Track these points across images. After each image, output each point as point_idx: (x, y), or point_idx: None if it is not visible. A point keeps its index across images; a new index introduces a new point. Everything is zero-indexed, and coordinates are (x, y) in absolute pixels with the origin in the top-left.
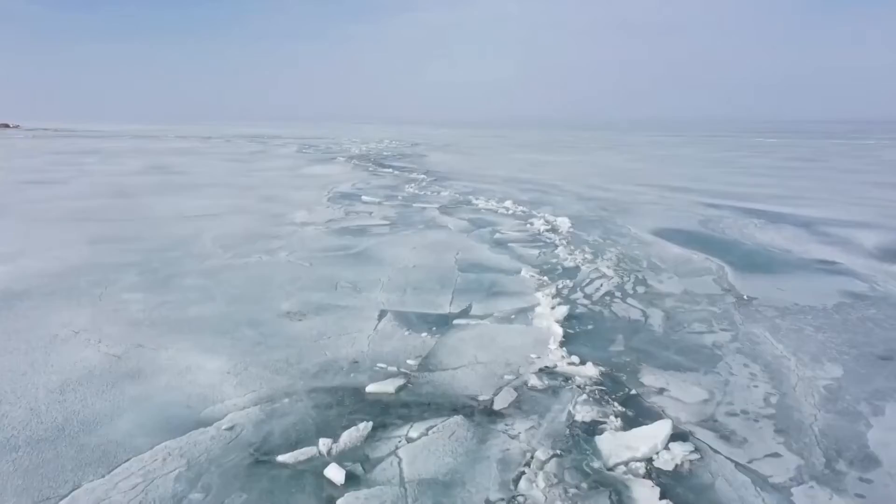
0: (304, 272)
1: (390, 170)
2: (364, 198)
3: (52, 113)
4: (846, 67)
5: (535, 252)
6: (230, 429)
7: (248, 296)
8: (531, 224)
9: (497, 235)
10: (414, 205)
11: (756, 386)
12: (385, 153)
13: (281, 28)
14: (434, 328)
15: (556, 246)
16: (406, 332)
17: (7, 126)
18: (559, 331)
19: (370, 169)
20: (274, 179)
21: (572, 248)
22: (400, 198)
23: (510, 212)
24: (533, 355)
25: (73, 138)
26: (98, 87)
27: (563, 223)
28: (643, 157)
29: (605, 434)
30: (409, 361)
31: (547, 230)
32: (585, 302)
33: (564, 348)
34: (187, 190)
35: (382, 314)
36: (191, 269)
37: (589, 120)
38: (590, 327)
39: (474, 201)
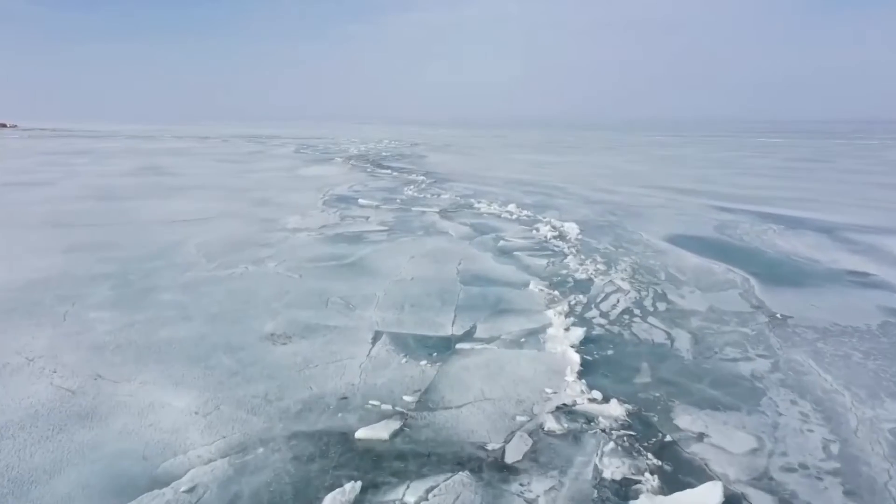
0: (292, 285)
1: (389, 171)
2: (361, 201)
3: (51, 113)
4: (845, 67)
5: (543, 262)
6: (190, 490)
7: (229, 314)
8: (537, 230)
9: (501, 243)
10: (413, 209)
11: (811, 430)
12: (384, 153)
13: (281, 28)
14: (434, 354)
15: (566, 255)
16: (403, 360)
17: (4, 126)
18: (576, 358)
19: (368, 170)
20: (268, 181)
21: (582, 257)
22: (398, 201)
23: (514, 216)
24: (548, 389)
25: (68, 138)
26: (98, 86)
27: (571, 229)
28: (646, 157)
29: (642, 499)
30: (405, 397)
31: (554, 237)
32: (602, 322)
33: (583, 380)
34: (177, 192)
35: (377, 336)
36: (169, 281)
37: (588, 120)
38: (609, 353)
39: (476, 205)
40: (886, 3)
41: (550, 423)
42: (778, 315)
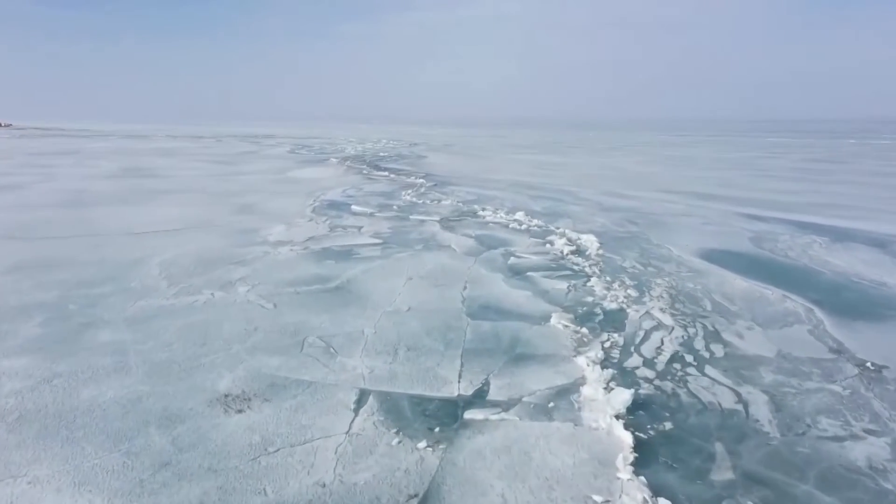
0: (263, 319)
1: (386, 173)
2: (354, 208)
3: (51, 112)
4: (844, 67)
5: (563, 286)
6: None
7: (178, 363)
8: (551, 244)
9: (512, 260)
10: (411, 217)
11: None
12: (381, 154)
13: (281, 26)
14: (437, 429)
15: (588, 276)
16: (395, 439)
17: None
18: (626, 437)
19: (364, 172)
20: (256, 184)
21: (608, 278)
22: (395, 207)
23: (523, 226)
24: (597, 497)
25: (60, 137)
26: (99, 85)
27: (590, 242)
28: (654, 158)
29: None
30: None
31: (571, 252)
32: (649, 375)
33: (642, 477)
34: (154, 198)
35: (362, 399)
36: (116, 314)
37: (588, 120)
38: (668, 427)
39: (480, 212)
40: (886, 3)
41: None
42: (868, 364)
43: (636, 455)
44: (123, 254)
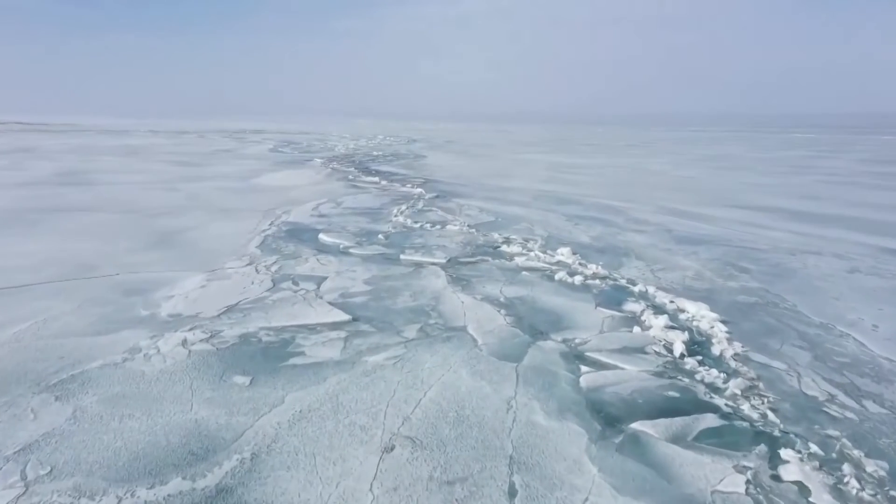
0: None
1: (376, 179)
2: (322, 237)
3: (47, 106)
4: (840, 63)
5: (738, 489)
6: None
7: None
8: (640, 324)
9: (586, 375)
10: (403, 255)
11: None
12: (375, 153)
13: (278, 22)
14: None
15: (764, 436)
16: None
17: None
18: None
19: (350, 177)
20: (207, 196)
21: (812, 448)
22: (381, 237)
23: (577, 278)
24: None
25: (32, 133)
26: (98, 80)
27: (706, 322)
28: (686, 158)
29: None
30: None
31: (687, 347)
32: None
33: None
34: (50, 220)
35: None
36: None
37: (591, 115)
38: None
39: (504, 247)
40: (887, 2)
41: None
42: None
43: None
44: None
